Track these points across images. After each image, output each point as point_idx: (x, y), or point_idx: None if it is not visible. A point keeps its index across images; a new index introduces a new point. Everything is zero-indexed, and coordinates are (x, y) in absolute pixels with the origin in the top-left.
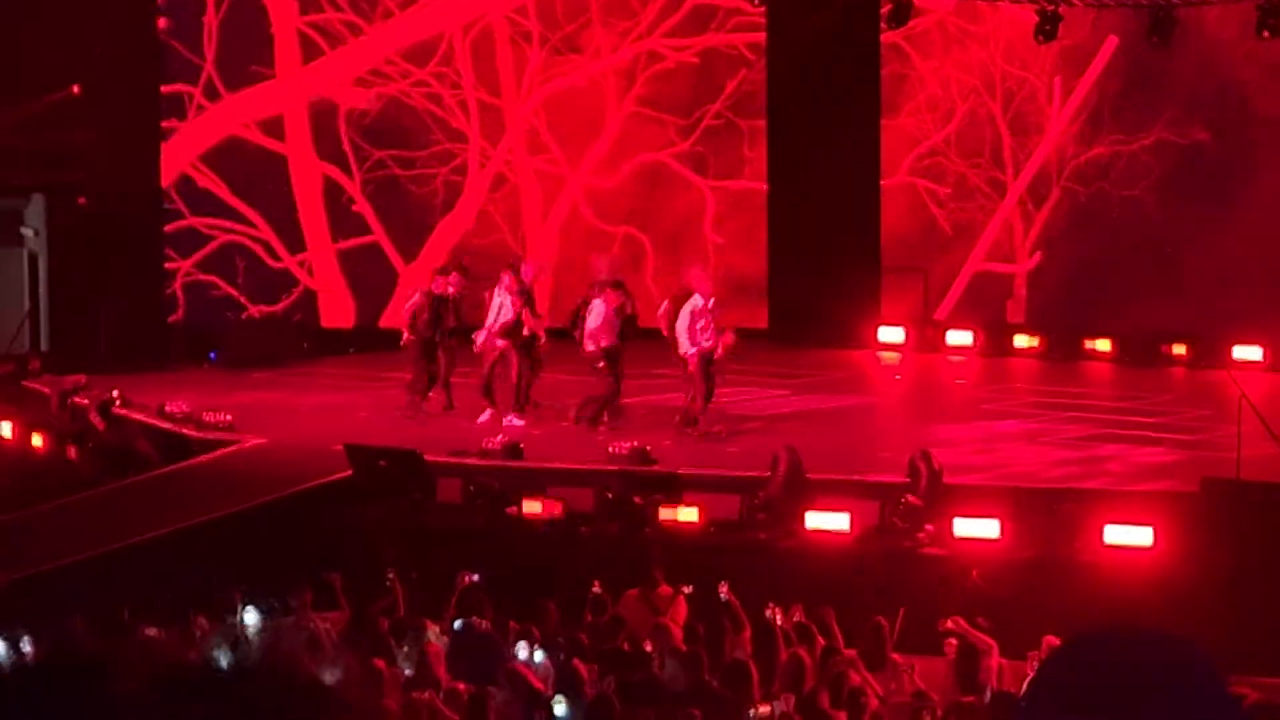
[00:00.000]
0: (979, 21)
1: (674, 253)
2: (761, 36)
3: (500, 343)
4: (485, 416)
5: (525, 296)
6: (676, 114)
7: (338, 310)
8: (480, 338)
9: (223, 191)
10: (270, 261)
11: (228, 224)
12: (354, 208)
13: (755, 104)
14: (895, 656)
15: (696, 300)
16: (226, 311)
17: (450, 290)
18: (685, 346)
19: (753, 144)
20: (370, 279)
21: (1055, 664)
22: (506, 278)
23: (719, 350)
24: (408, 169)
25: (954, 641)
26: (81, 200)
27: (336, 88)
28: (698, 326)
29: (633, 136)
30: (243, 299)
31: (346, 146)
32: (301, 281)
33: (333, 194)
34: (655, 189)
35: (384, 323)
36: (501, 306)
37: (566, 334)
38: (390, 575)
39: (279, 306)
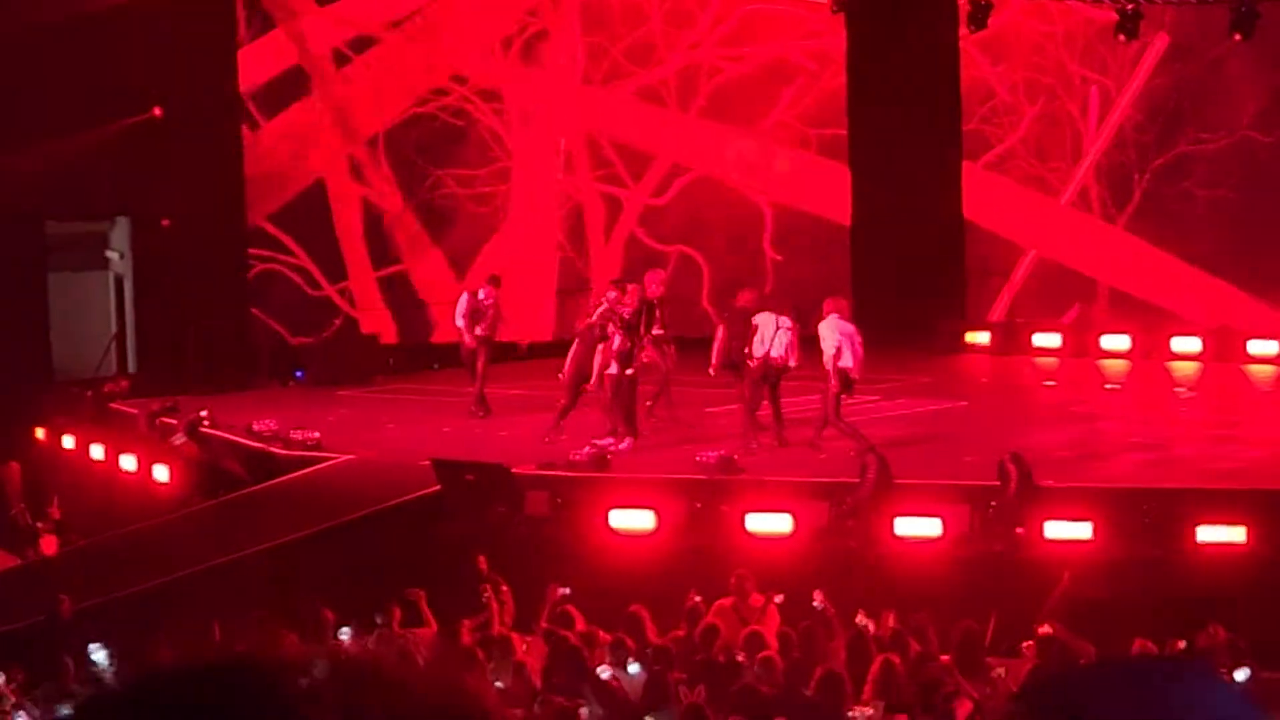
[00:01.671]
0: (1051, 22)
1: (731, 271)
2: (822, 43)
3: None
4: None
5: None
6: (739, 124)
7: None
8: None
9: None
10: (309, 290)
11: (265, 252)
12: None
13: (824, 113)
14: (989, 661)
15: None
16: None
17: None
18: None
19: (822, 153)
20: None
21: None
22: (484, 290)
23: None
24: (466, 187)
25: (1031, 644)
26: (165, 222)
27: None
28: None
29: (694, 148)
30: (281, 329)
31: (388, 170)
32: (343, 310)
33: (372, 219)
34: (712, 204)
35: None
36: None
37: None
38: (485, 590)
39: (321, 337)
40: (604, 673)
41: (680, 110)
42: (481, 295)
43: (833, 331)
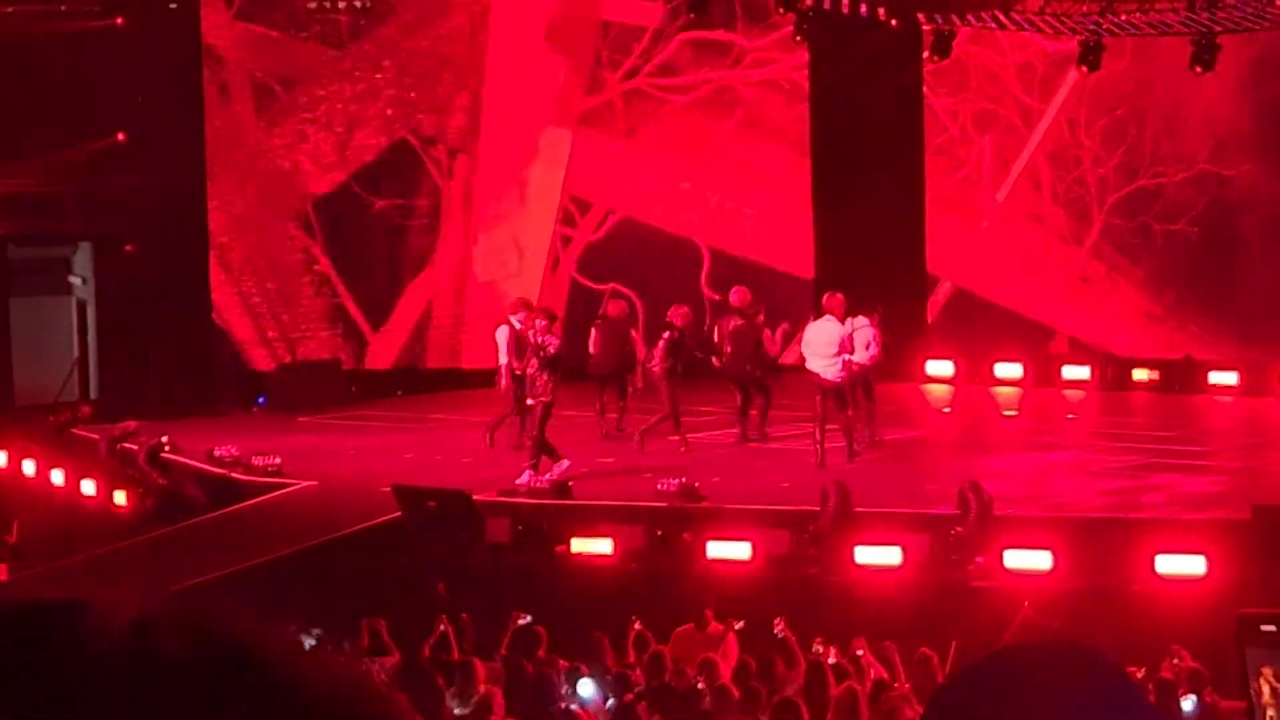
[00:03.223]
0: (1006, 54)
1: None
2: (763, 72)
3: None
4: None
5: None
6: (685, 156)
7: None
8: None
9: None
10: None
11: None
12: (317, 267)
13: (775, 143)
14: None
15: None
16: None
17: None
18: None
19: (773, 186)
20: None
21: (952, 688)
22: (520, 316)
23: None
24: (406, 218)
25: None
26: (129, 248)
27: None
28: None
29: (631, 183)
30: None
31: (308, 207)
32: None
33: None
34: (648, 241)
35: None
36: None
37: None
38: (442, 618)
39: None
40: (567, 699)
41: (625, 142)
42: (518, 324)
43: (842, 332)
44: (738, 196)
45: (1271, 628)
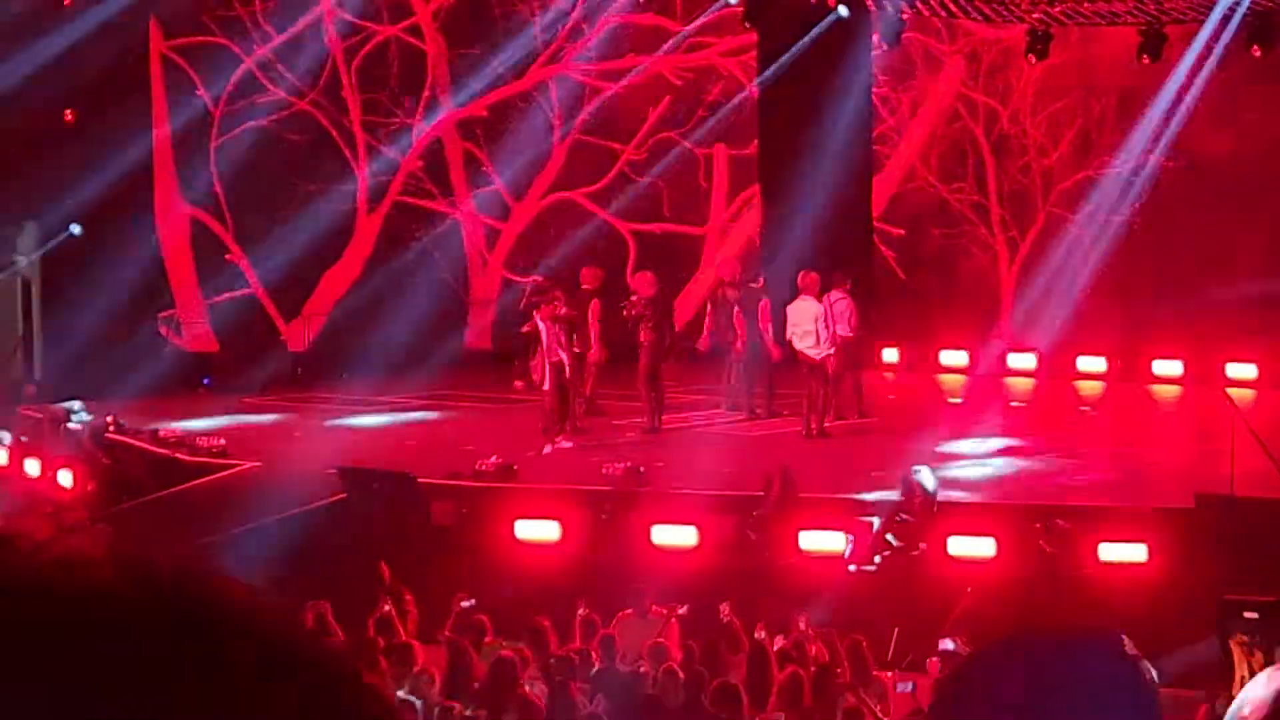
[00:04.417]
0: (953, 41)
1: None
2: (692, 58)
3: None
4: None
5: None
6: (619, 143)
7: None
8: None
9: None
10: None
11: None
12: (229, 258)
13: (709, 130)
14: (885, 675)
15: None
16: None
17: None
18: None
19: (709, 174)
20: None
21: (961, 674)
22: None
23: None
24: (330, 203)
25: (936, 661)
26: (76, 227)
27: None
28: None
29: (565, 172)
30: None
31: (218, 187)
32: (169, 340)
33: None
34: (575, 232)
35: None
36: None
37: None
38: (385, 599)
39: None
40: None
41: (559, 127)
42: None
43: (821, 308)
44: (670, 185)
45: (1254, 615)
